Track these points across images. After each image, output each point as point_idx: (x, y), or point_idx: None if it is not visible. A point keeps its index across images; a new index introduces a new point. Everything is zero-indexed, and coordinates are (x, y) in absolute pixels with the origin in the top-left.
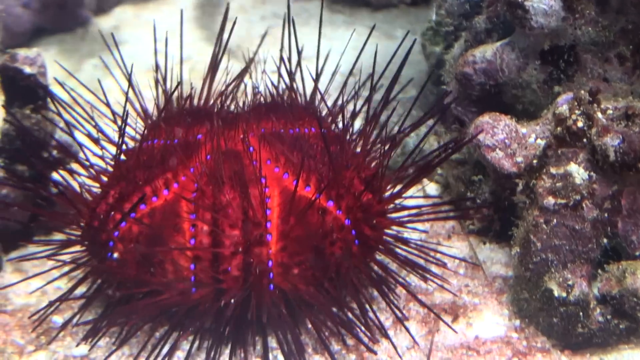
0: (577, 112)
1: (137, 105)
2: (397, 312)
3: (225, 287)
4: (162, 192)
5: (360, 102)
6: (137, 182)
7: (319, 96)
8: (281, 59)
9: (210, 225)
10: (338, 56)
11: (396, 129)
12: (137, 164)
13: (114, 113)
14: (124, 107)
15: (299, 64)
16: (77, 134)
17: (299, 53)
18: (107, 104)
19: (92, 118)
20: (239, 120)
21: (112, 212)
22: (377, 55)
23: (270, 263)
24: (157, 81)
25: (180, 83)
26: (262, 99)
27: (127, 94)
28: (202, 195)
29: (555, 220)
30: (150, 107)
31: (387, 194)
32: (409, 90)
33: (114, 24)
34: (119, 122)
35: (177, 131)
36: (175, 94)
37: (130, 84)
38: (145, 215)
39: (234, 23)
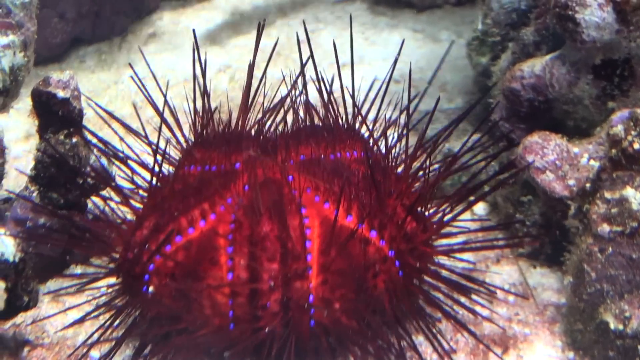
0: (633, 132)
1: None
2: (445, 343)
3: (263, 324)
4: (198, 223)
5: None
6: (173, 212)
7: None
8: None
9: (247, 258)
10: (381, 62)
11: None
12: (172, 192)
13: (148, 140)
14: (159, 133)
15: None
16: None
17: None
18: (140, 133)
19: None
20: (278, 146)
21: (147, 244)
22: (423, 60)
23: (311, 298)
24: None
25: (209, 109)
26: (301, 122)
27: (160, 123)
28: (240, 227)
29: (610, 249)
30: (186, 126)
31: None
32: (454, 98)
33: (152, 31)
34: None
35: (214, 158)
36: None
37: (167, 105)
38: (180, 248)
39: (261, 26)
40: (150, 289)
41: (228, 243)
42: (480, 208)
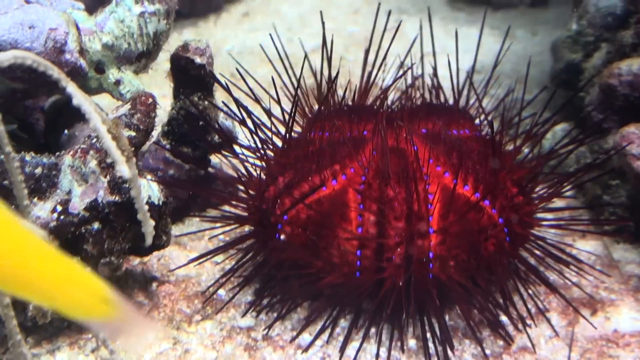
0: None
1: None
2: (540, 303)
3: (387, 274)
4: (330, 183)
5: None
6: (307, 171)
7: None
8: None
9: (376, 216)
10: (462, 54)
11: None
12: (306, 154)
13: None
14: (294, 99)
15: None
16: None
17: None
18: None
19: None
20: (402, 119)
21: (281, 198)
22: (500, 54)
23: (430, 254)
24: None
25: (335, 78)
26: (418, 100)
27: (297, 85)
28: (369, 188)
29: None
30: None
31: (534, 195)
32: (532, 90)
33: (244, 10)
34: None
35: (342, 126)
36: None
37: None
38: (313, 203)
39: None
40: (282, 237)
41: (358, 201)
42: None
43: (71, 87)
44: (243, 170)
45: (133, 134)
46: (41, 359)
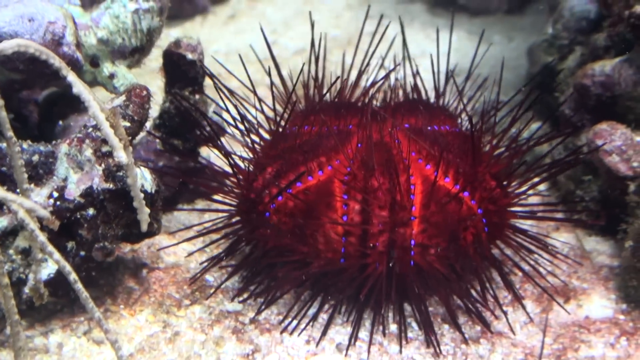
0: None
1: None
2: (515, 291)
3: (370, 261)
4: (316, 173)
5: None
6: (294, 162)
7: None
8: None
9: (361, 205)
10: (441, 57)
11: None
12: (293, 146)
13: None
14: (289, 94)
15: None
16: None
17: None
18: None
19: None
20: (386, 114)
21: (269, 187)
22: (477, 58)
23: (412, 242)
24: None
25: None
26: (401, 96)
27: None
28: (354, 179)
29: None
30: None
31: (510, 189)
32: (509, 92)
33: (230, 13)
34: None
35: (328, 120)
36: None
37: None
38: (300, 192)
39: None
40: (270, 225)
41: (343, 191)
42: (541, 185)
43: (71, 76)
44: (232, 162)
45: (127, 124)
46: (34, 340)
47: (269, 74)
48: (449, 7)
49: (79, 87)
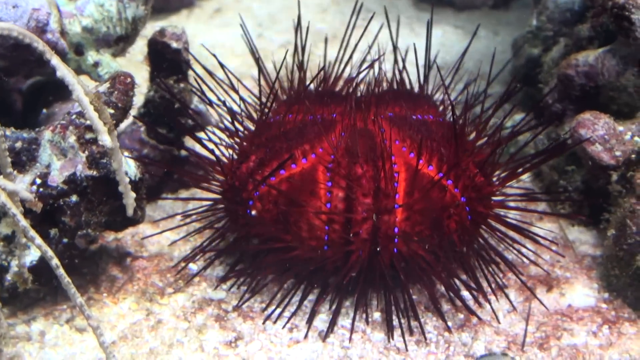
0: None
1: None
2: (499, 280)
3: (354, 248)
4: (300, 161)
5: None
6: (277, 150)
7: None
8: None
9: (345, 192)
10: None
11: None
12: (277, 134)
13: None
14: (273, 82)
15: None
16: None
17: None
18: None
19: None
20: (370, 103)
21: (253, 175)
22: (463, 51)
23: (395, 230)
24: (298, 63)
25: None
26: (386, 86)
27: (277, 74)
28: (338, 166)
29: None
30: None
31: (494, 179)
32: (494, 85)
33: (216, 7)
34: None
35: (312, 109)
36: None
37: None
38: (284, 180)
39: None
40: (254, 212)
41: (327, 178)
42: (525, 176)
43: (55, 60)
44: (217, 151)
45: (112, 111)
46: (16, 328)
47: (257, 62)
48: (435, 2)
49: (62, 70)
